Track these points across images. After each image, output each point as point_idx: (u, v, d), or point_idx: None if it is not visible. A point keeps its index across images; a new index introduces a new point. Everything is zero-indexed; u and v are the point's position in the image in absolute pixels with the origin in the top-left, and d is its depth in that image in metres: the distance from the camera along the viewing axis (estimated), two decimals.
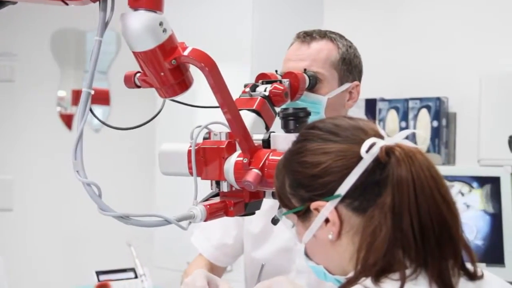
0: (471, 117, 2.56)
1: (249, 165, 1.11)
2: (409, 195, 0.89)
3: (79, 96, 1.03)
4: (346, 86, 1.52)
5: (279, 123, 1.24)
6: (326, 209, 0.94)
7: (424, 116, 2.60)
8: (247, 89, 1.32)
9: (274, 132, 1.21)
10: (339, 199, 0.93)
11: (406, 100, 2.65)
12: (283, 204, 1.02)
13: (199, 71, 1.07)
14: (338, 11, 3.06)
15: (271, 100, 1.30)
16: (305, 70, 1.45)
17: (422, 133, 1.05)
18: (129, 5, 1.02)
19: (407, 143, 0.95)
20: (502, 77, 2.39)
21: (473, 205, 2.28)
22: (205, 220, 1.15)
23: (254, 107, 1.26)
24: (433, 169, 0.93)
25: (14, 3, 1.04)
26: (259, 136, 1.20)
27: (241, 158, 1.13)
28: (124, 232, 1.93)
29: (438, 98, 2.60)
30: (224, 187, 1.19)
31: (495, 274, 2.21)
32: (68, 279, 3.15)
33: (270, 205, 1.39)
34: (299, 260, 1.52)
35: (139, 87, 1.12)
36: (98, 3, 1.04)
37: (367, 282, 0.88)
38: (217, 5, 2.90)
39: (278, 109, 1.29)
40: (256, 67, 2.67)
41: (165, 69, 1.05)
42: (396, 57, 2.86)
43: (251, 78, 1.41)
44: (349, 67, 1.52)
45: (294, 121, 1.19)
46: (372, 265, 0.89)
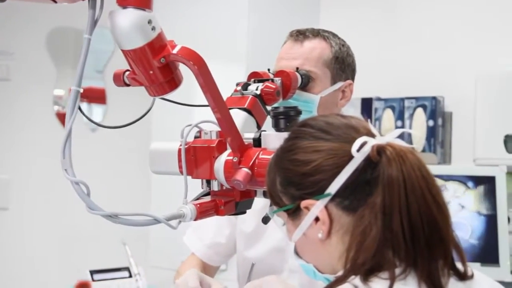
0: (467, 116, 2.56)
1: (239, 164, 1.11)
2: (399, 195, 0.88)
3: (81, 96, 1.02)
4: (339, 85, 1.51)
5: (271, 122, 1.24)
6: (316, 207, 0.93)
7: (419, 116, 2.60)
8: (239, 88, 1.32)
9: (265, 131, 1.21)
10: (329, 197, 0.93)
11: (402, 99, 2.65)
12: (274, 202, 1.02)
13: None
14: (335, 11, 3.06)
15: (262, 99, 1.30)
16: (297, 68, 1.45)
17: (415, 132, 1.04)
18: (117, 3, 1.02)
19: (399, 142, 0.94)
20: (498, 77, 2.39)
21: (468, 205, 2.27)
22: (195, 219, 1.14)
23: (245, 106, 1.26)
24: (424, 169, 0.92)
25: (2, 1, 1.04)
26: (250, 135, 1.20)
27: (231, 157, 1.13)
28: (120, 231, 1.93)
29: (434, 98, 2.59)
30: (215, 186, 1.18)
31: (490, 274, 2.20)
32: (64, 278, 3.14)
33: (263, 204, 1.39)
34: (291, 259, 1.51)
35: (128, 85, 1.11)
36: (87, 1, 1.03)
37: (356, 280, 0.88)
38: (213, 4, 2.89)
39: (270, 108, 1.28)
40: (252, 67, 2.65)
41: (154, 67, 1.04)
42: (392, 56, 2.85)
43: (247, 77, 1.41)
44: (342, 65, 1.51)
45: (285, 120, 1.19)
46: (361, 264, 0.88)
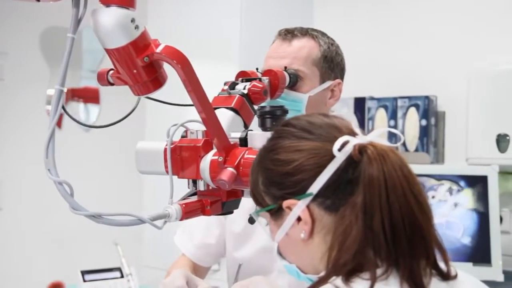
0: (460, 116, 2.55)
1: (224, 163, 1.10)
2: (380, 194, 0.88)
3: (72, 95, 1.02)
4: (327, 84, 1.50)
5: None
6: (298, 207, 0.93)
7: (412, 115, 2.60)
8: (226, 87, 1.31)
9: (251, 130, 1.20)
10: (311, 197, 0.92)
11: (395, 98, 2.64)
12: (257, 202, 1.01)
13: None
14: (328, 10, 3.05)
15: (250, 98, 1.29)
16: (285, 68, 1.44)
17: (398, 132, 1.03)
18: (100, 1, 1.01)
19: (382, 141, 0.93)
20: (490, 76, 2.38)
21: (460, 204, 2.27)
22: (181, 219, 1.14)
23: (232, 105, 1.25)
24: (406, 168, 0.91)
25: None
26: (237, 135, 1.19)
27: (217, 156, 1.12)
28: (113, 231, 1.92)
29: (427, 97, 2.59)
30: (201, 186, 1.18)
31: (482, 274, 2.21)
32: (58, 278, 3.14)
33: (252, 204, 1.38)
34: (281, 259, 1.51)
35: (112, 84, 1.11)
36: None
37: (338, 281, 0.87)
38: (206, 3, 2.89)
39: (257, 107, 1.28)
40: (245, 66, 2.65)
41: (138, 66, 1.04)
42: (385, 56, 2.85)
43: (235, 77, 1.40)
44: (331, 65, 1.50)
45: (271, 119, 1.19)
46: (343, 264, 0.88)
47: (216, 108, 1.26)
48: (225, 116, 1.23)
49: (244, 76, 1.36)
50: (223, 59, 2.81)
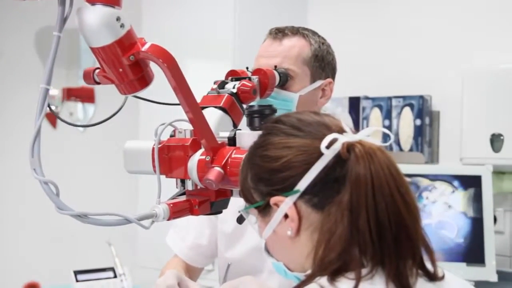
0: (454, 115, 2.55)
1: (211, 163, 1.10)
2: (366, 193, 0.87)
3: (69, 94, 1.02)
4: (318, 83, 1.50)
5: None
6: (285, 204, 0.92)
7: (407, 115, 2.59)
8: (215, 86, 1.31)
9: (240, 129, 1.19)
10: (298, 194, 0.92)
11: (390, 98, 2.64)
12: (246, 199, 1.01)
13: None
14: (322, 10, 3.05)
15: (239, 97, 1.28)
16: (275, 67, 1.44)
17: (385, 130, 1.02)
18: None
19: (371, 140, 0.93)
20: (485, 76, 2.38)
21: (454, 204, 2.27)
22: (168, 219, 1.13)
23: (221, 105, 1.25)
24: (393, 167, 0.91)
25: None
26: (225, 134, 1.18)
27: (204, 156, 1.11)
28: (107, 231, 1.92)
29: (421, 97, 2.58)
30: (189, 185, 1.17)
31: (476, 274, 2.21)
32: (52, 279, 3.13)
33: (243, 204, 1.38)
34: (268, 257, 1.50)
35: (98, 83, 1.10)
36: None
37: (323, 280, 0.87)
38: (199, 4, 2.88)
39: (246, 107, 1.27)
40: (238, 66, 2.64)
41: (124, 65, 1.03)
42: (379, 56, 2.85)
43: (225, 76, 1.39)
44: (322, 64, 1.50)
45: (260, 118, 1.18)
46: (328, 263, 0.87)
47: (205, 107, 1.25)
48: (213, 115, 1.23)
49: (233, 75, 1.36)
50: (217, 59, 2.80)
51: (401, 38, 2.79)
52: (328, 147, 0.90)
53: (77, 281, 2.16)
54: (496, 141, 2.32)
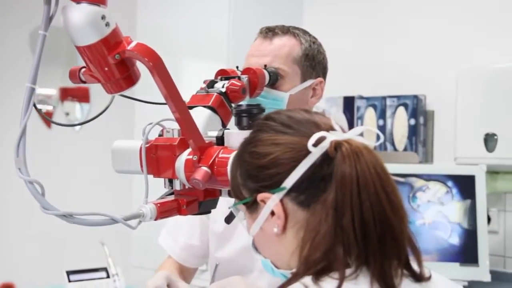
0: (448, 115, 2.54)
1: (199, 162, 1.09)
2: (352, 192, 0.86)
3: (66, 94, 1.01)
4: (309, 82, 1.49)
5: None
6: (272, 201, 0.92)
7: (401, 114, 2.59)
8: (204, 85, 1.30)
9: (228, 129, 1.19)
10: (284, 191, 0.91)
11: (384, 98, 2.63)
12: (235, 195, 1.01)
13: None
14: (317, 10, 3.04)
15: (228, 96, 1.28)
16: (265, 66, 1.43)
17: (375, 130, 1.02)
18: None
19: (360, 139, 0.92)
20: (479, 75, 2.37)
21: (449, 203, 2.26)
22: (156, 219, 1.12)
23: (209, 104, 1.24)
24: (380, 167, 0.90)
25: None
26: (214, 133, 1.18)
27: (192, 155, 1.11)
28: (101, 231, 1.92)
29: (415, 96, 2.58)
30: (177, 185, 1.16)
31: (469, 274, 2.20)
32: (45, 279, 3.12)
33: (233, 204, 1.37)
34: (255, 254, 1.50)
35: (84, 82, 1.09)
36: None
37: (307, 280, 0.86)
38: (194, 3, 2.88)
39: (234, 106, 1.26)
40: (233, 66, 2.64)
41: (109, 63, 1.02)
42: (374, 55, 2.84)
43: (214, 75, 1.38)
44: (312, 63, 1.49)
45: (248, 117, 1.17)
46: (313, 262, 0.87)
47: (194, 107, 1.25)
48: (202, 114, 1.22)
49: (223, 74, 1.35)
50: (211, 59, 2.80)
51: (395, 38, 2.79)
52: (315, 145, 0.89)
53: (69, 281, 2.15)
54: (490, 140, 2.31)
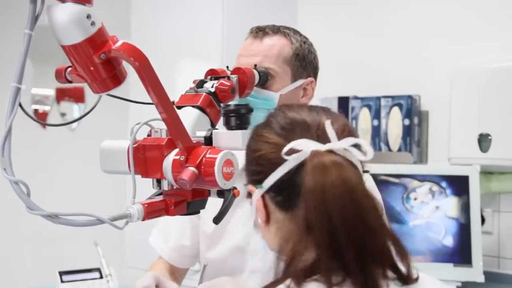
0: (443, 115, 2.54)
1: (186, 162, 1.08)
2: (318, 207, 0.85)
3: (62, 94, 1.00)
4: (299, 82, 1.48)
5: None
6: (255, 195, 0.95)
7: (396, 114, 2.58)
8: (193, 85, 1.29)
9: (217, 129, 1.18)
10: (264, 190, 0.93)
11: (378, 98, 2.63)
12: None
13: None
14: (312, 11, 3.04)
15: (217, 96, 1.27)
16: (255, 66, 1.42)
17: (365, 143, 0.98)
18: None
19: (340, 151, 0.90)
20: (473, 76, 2.37)
21: (443, 204, 2.26)
22: (143, 220, 1.11)
23: (198, 104, 1.23)
24: (350, 183, 0.86)
25: None
26: (202, 133, 1.17)
27: (179, 156, 1.10)
28: (95, 232, 1.91)
29: (410, 96, 2.57)
30: (165, 185, 1.15)
31: (463, 275, 2.19)
32: (37, 279, 3.12)
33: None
34: (252, 260, 1.49)
35: (70, 82, 1.08)
36: None
37: (290, 283, 0.86)
38: (188, 4, 2.87)
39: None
40: (231, 65, 2.64)
41: (95, 63, 1.01)
42: (368, 55, 2.84)
43: (204, 75, 1.38)
44: (303, 63, 1.48)
45: (236, 117, 1.17)
46: (294, 267, 0.86)
47: (182, 107, 1.24)
48: (190, 114, 1.21)
49: (213, 74, 1.35)
50: (206, 59, 2.79)
51: (390, 38, 2.78)
52: (289, 153, 0.89)
53: (62, 281, 2.14)
54: (484, 141, 2.31)
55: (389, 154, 2.55)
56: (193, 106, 1.23)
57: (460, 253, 2.19)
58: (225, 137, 1.14)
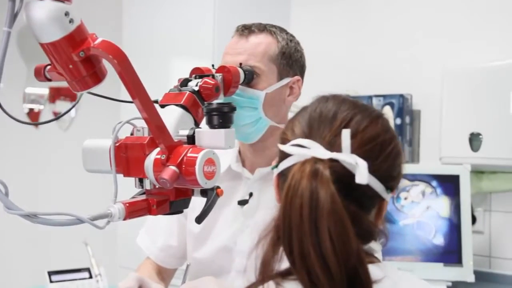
0: (435, 114, 2.53)
1: (167, 161, 1.07)
2: (285, 218, 0.84)
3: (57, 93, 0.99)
4: (286, 81, 1.47)
5: None
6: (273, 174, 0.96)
7: (387, 113, 2.57)
8: (177, 84, 1.28)
9: (200, 128, 1.17)
10: (278, 171, 0.94)
11: (370, 97, 2.62)
12: None
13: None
14: (305, 10, 3.03)
15: (201, 95, 1.26)
16: (240, 64, 1.41)
17: (362, 166, 0.90)
18: None
19: (326, 162, 0.86)
20: (464, 75, 2.36)
21: (433, 204, 2.25)
22: (124, 219, 1.10)
23: (181, 102, 1.22)
24: (319, 198, 0.82)
25: None
26: (185, 132, 1.16)
27: (160, 155, 1.09)
28: (85, 231, 1.90)
29: (402, 95, 2.57)
30: (147, 184, 1.14)
31: (453, 274, 2.18)
32: (27, 280, 3.11)
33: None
34: (238, 259, 1.48)
35: (50, 80, 1.07)
36: None
37: (270, 283, 0.85)
38: (179, 3, 2.86)
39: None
40: (218, 64, 2.63)
41: (74, 61, 1.00)
42: (360, 54, 2.83)
43: (189, 73, 1.37)
44: (289, 61, 1.47)
45: (218, 116, 1.16)
46: (271, 267, 0.86)
47: (166, 105, 1.23)
48: (174, 113, 1.20)
49: (197, 72, 1.33)
50: (197, 58, 2.78)
51: (381, 37, 2.78)
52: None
53: (51, 281, 2.13)
54: (475, 140, 2.30)
55: None
56: (176, 105, 1.22)
57: (450, 252, 2.18)
58: (207, 136, 1.13)
